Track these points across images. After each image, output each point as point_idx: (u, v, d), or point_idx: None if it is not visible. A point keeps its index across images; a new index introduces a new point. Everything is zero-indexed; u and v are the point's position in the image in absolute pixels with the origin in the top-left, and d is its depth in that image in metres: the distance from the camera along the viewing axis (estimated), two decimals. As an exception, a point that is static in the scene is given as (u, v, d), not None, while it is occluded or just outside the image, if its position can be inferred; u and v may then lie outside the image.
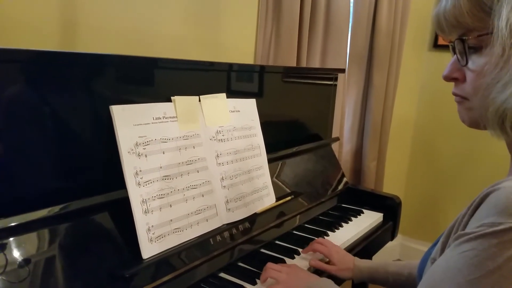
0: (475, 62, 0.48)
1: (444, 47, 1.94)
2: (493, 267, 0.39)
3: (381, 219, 1.19)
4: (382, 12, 1.68)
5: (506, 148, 0.51)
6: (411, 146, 2.17)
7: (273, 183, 1.00)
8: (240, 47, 1.38)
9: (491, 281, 0.39)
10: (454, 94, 0.53)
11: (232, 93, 0.94)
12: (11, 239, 0.56)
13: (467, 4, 0.47)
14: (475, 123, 0.51)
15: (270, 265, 0.78)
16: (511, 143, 0.49)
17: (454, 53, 0.51)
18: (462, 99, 0.52)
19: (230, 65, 0.97)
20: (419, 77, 2.07)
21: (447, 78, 0.53)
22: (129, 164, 0.69)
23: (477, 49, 0.48)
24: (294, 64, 1.43)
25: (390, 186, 1.99)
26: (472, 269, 0.40)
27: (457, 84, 0.52)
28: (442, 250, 0.47)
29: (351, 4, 1.62)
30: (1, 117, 0.58)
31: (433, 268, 0.45)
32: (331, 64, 1.57)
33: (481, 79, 0.47)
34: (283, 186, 1.07)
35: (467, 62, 0.49)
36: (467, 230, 0.42)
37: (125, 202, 0.68)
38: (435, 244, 0.54)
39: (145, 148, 0.71)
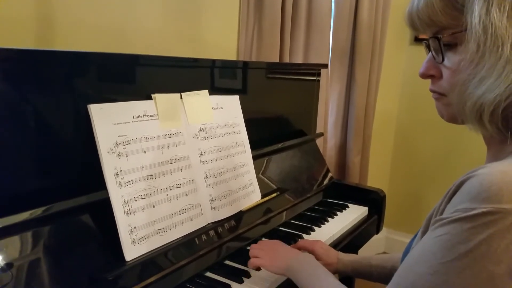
0: (450, 59, 0.49)
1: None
2: (465, 250, 0.40)
3: (366, 213, 1.21)
4: (364, 7, 1.70)
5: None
6: (394, 140, 2.20)
7: (259, 179, 1.00)
8: (222, 43, 1.37)
9: (463, 264, 0.40)
10: (432, 90, 0.54)
11: (215, 90, 0.93)
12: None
13: (439, 3, 0.47)
14: (454, 118, 0.52)
15: (253, 245, 0.80)
16: (487, 136, 0.50)
17: (429, 50, 0.52)
18: (439, 95, 0.53)
19: (213, 61, 0.96)
20: (400, 71, 2.10)
21: (424, 76, 0.53)
22: (109, 165, 0.67)
23: (452, 46, 0.48)
24: (277, 60, 1.43)
25: (374, 180, 2.02)
26: (445, 252, 0.41)
27: (434, 81, 0.53)
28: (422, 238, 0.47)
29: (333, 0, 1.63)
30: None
31: (411, 253, 0.46)
32: (314, 60, 1.57)
33: (458, 76, 0.47)
34: (269, 182, 1.06)
35: (443, 59, 0.50)
36: (443, 215, 0.43)
37: (107, 203, 0.66)
38: (416, 235, 0.54)
39: (125, 148, 0.69)
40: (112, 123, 0.68)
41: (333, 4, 1.64)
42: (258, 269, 0.79)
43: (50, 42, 0.97)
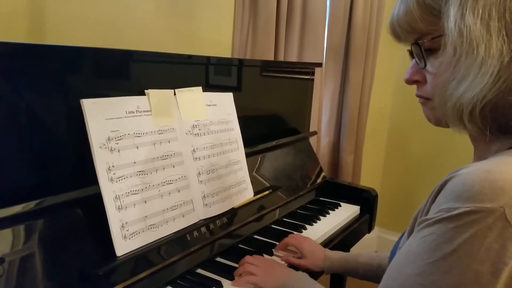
0: (432, 63, 0.50)
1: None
2: (450, 250, 0.40)
3: (358, 211, 1.22)
4: (358, 7, 1.70)
5: None
6: (387, 139, 2.22)
7: (251, 177, 1.00)
8: (217, 40, 1.36)
9: (448, 263, 0.40)
10: (418, 96, 0.55)
11: (209, 87, 0.93)
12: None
13: (418, 10, 0.49)
14: (439, 122, 0.54)
15: (247, 258, 0.78)
16: (472, 136, 0.52)
17: (412, 57, 0.54)
18: (425, 100, 0.54)
19: (208, 58, 0.95)
20: (394, 71, 2.12)
21: (409, 81, 0.55)
22: (101, 160, 0.66)
23: (433, 51, 0.50)
24: (271, 58, 1.43)
25: (367, 179, 2.03)
26: (431, 253, 0.41)
27: (419, 86, 0.55)
28: (408, 239, 0.48)
29: (328, -1, 1.63)
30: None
31: (397, 254, 0.47)
32: (308, 58, 1.58)
33: (438, 79, 0.49)
34: (262, 180, 1.07)
35: (425, 65, 0.51)
36: (428, 216, 0.44)
37: (99, 198, 0.66)
38: (403, 235, 0.55)
39: (117, 143, 0.69)
40: (105, 118, 0.68)
41: (328, 3, 1.64)
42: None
43: (40, 36, 0.96)
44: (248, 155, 0.99)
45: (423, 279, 0.41)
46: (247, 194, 0.97)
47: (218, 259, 0.85)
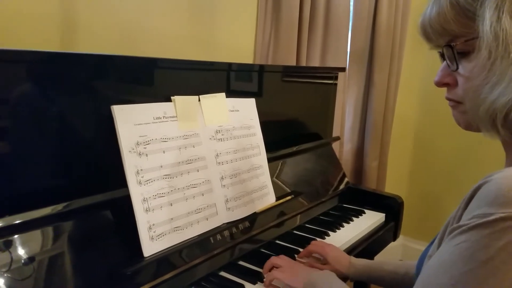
0: (464, 66, 0.49)
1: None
2: (485, 258, 0.39)
3: (383, 219, 1.19)
4: (383, 10, 1.68)
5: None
6: (413, 145, 2.16)
7: (273, 182, 1.00)
8: (238, 46, 1.39)
9: (484, 272, 0.39)
10: (448, 99, 0.54)
11: (231, 93, 0.95)
12: (15, 236, 0.57)
13: (451, 12, 0.48)
14: (470, 126, 0.53)
15: (272, 259, 0.80)
16: (505, 141, 0.50)
17: (443, 59, 0.53)
18: (455, 103, 0.53)
19: (230, 65, 0.97)
20: (420, 75, 2.07)
21: (439, 84, 0.54)
22: (130, 163, 0.69)
23: (465, 54, 0.49)
24: (293, 63, 1.43)
25: (392, 186, 1.98)
26: (465, 261, 0.40)
27: (449, 89, 0.54)
28: (439, 246, 0.47)
29: (351, 2, 1.62)
30: (4, 117, 0.59)
31: (429, 263, 0.46)
32: (331, 63, 1.57)
33: (471, 82, 0.48)
34: (283, 185, 1.07)
35: (457, 67, 0.50)
36: (460, 223, 0.43)
37: (127, 201, 0.68)
38: (432, 242, 0.54)
39: (145, 148, 0.72)
40: (134, 123, 0.71)
41: (351, 7, 1.63)
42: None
43: (67, 44, 1.01)
44: (270, 160, 1.00)
45: None
46: (269, 199, 0.97)
47: (241, 262, 0.86)
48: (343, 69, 1.45)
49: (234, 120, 0.92)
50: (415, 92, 2.10)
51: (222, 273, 0.81)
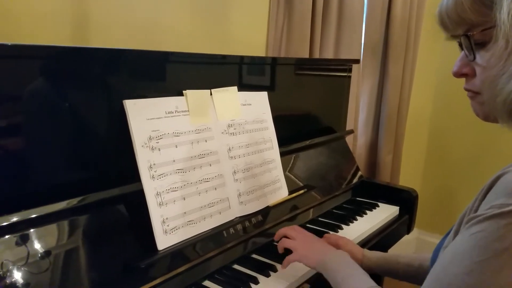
0: (482, 56, 0.48)
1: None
2: (501, 248, 0.38)
3: (397, 212, 1.18)
4: (397, 1, 1.64)
5: None
6: (428, 138, 2.12)
7: (286, 176, 1.00)
8: (251, 39, 1.37)
9: (499, 262, 0.38)
10: (466, 89, 0.53)
11: (244, 86, 0.94)
12: (31, 230, 0.58)
13: (468, 0, 0.47)
14: (488, 117, 0.52)
15: (284, 230, 0.79)
16: None
17: (462, 49, 0.52)
18: (474, 93, 0.52)
19: (242, 58, 0.97)
20: (435, 67, 2.02)
21: (457, 74, 0.53)
22: (143, 158, 0.70)
23: (483, 43, 0.48)
24: (306, 55, 1.41)
25: (406, 180, 1.95)
26: (480, 251, 0.40)
27: (467, 80, 0.53)
28: (455, 237, 0.46)
29: (365, -7, 1.59)
30: (19, 112, 0.60)
31: (444, 252, 0.45)
32: (345, 55, 1.55)
33: (488, 72, 0.47)
34: (296, 179, 1.06)
35: (474, 57, 0.49)
36: (477, 213, 0.42)
37: (140, 195, 0.69)
38: (447, 234, 0.53)
39: (158, 142, 0.72)
40: (146, 118, 0.71)
41: (365, -2, 1.60)
42: (285, 253, 0.76)
43: (80, 39, 1.02)
44: (282, 154, 0.99)
45: (472, 278, 0.40)
46: (282, 193, 0.97)
47: (254, 255, 0.86)
48: (357, 61, 1.42)
49: (246, 114, 0.91)
50: (430, 84, 2.05)
51: (236, 266, 0.81)
